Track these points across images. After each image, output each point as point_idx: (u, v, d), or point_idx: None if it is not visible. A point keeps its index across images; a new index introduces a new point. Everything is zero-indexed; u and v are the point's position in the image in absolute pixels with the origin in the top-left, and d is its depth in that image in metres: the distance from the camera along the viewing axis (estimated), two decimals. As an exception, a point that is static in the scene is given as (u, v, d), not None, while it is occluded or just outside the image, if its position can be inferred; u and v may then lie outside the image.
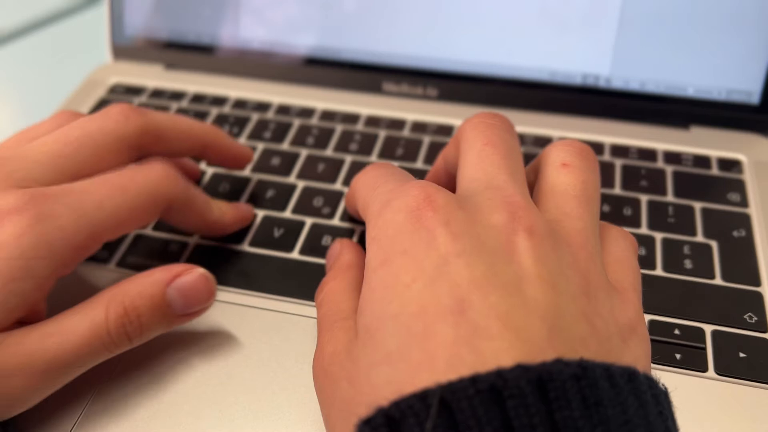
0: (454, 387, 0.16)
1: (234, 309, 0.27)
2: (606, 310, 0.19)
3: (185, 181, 0.26)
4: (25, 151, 0.24)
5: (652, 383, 0.18)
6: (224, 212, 0.28)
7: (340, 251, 0.25)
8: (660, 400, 0.17)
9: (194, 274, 0.24)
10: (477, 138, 0.23)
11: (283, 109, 0.37)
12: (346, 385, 0.19)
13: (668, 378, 0.24)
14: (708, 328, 0.26)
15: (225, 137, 0.30)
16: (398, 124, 0.36)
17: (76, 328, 0.21)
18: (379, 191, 0.21)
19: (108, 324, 0.22)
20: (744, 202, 0.31)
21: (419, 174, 0.32)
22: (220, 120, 0.37)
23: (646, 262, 0.28)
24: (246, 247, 0.29)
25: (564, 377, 0.16)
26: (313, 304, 0.27)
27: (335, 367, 0.19)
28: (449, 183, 0.26)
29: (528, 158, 0.34)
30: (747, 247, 0.29)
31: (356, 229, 0.30)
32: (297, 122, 0.36)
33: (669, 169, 0.33)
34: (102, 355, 0.22)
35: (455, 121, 0.36)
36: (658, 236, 0.29)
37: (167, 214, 0.26)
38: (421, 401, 0.16)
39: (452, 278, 0.18)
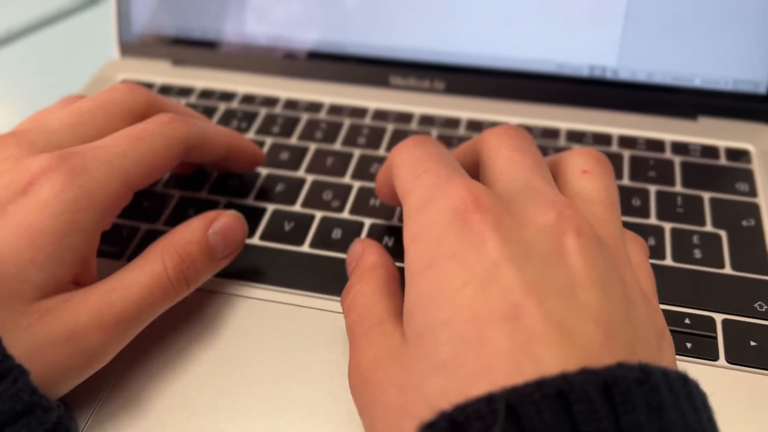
0: (521, 391, 0.15)
1: (246, 302, 0.27)
2: (643, 314, 0.19)
3: (195, 121, 0.27)
4: (42, 123, 0.25)
5: (699, 388, 0.18)
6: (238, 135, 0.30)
7: (363, 252, 0.24)
8: (706, 405, 0.17)
9: (228, 216, 0.26)
10: (503, 145, 0.23)
11: (291, 104, 0.38)
12: (394, 392, 0.18)
13: (679, 366, 0.24)
14: (718, 317, 0.26)
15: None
16: (406, 117, 0.36)
17: (137, 280, 0.23)
18: (422, 181, 0.21)
19: (167, 272, 0.23)
20: (752, 192, 0.31)
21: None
22: (229, 115, 0.37)
23: (656, 252, 0.28)
24: (257, 240, 0.29)
25: (628, 381, 0.16)
26: (324, 296, 0.27)
27: (380, 374, 0.19)
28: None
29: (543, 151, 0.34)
30: (756, 236, 0.29)
31: (366, 222, 0.30)
32: (305, 117, 0.37)
33: (677, 160, 0.33)
34: (164, 303, 0.24)
35: (462, 114, 0.36)
36: (667, 226, 0.29)
37: (192, 156, 0.27)
38: (487, 405, 0.15)
39: (505, 283, 0.17)
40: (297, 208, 0.31)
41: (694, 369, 0.24)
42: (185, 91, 0.39)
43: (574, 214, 0.19)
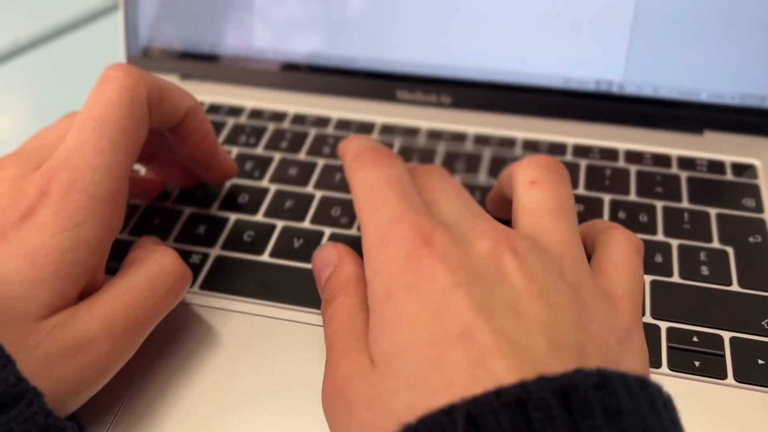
0: (480, 401, 0.16)
1: (255, 320, 0.27)
2: (599, 314, 0.20)
3: (147, 75, 0.25)
4: (41, 142, 0.25)
5: (660, 390, 0.18)
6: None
7: (341, 260, 0.24)
8: (668, 406, 0.18)
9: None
10: (426, 185, 0.25)
11: (299, 119, 0.38)
12: (364, 409, 0.19)
13: (687, 385, 0.24)
14: (726, 335, 0.26)
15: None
16: (413, 131, 0.37)
17: (136, 284, 0.23)
18: (377, 217, 0.22)
19: (165, 269, 0.24)
20: (759, 208, 0.31)
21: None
22: (237, 130, 0.37)
23: (663, 269, 0.29)
24: (266, 257, 0.30)
25: (586, 387, 0.16)
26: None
27: (351, 391, 0.20)
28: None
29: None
30: (763, 252, 0.29)
31: (375, 238, 0.30)
32: (313, 131, 0.37)
33: (683, 175, 0.33)
34: (168, 302, 0.24)
35: (469, 129, 0.37)
36: (674, 243, 0.30)
37: (154, 111, 0.25)
38: (447, 416, 0.16)
39: (456, 307, 0.19)
40: (306, 224, 0.31)
41: (702, 387, 0.24)
42: (193, 106, 0.39)
43: (506, 236, 0.21)
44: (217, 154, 0.30)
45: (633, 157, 0.35)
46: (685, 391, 0.24)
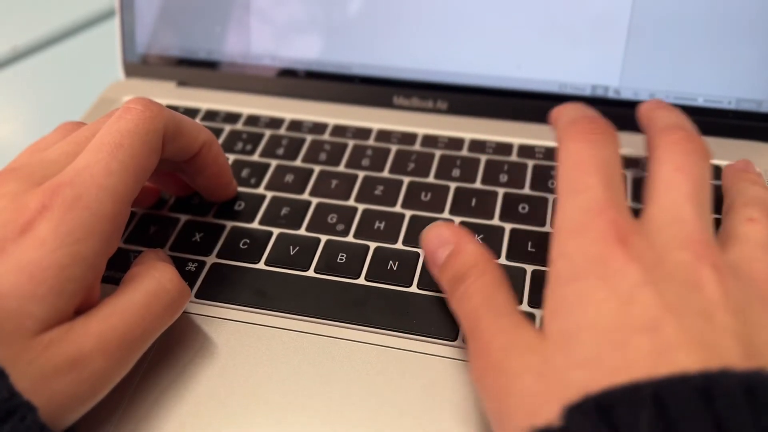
0: (666, 382, 0.16)
1: (251, 329, 0.27)
2: None
3: (166, 111, 0.26)
4: (41, 156, 0.25)
5: None
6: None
7: (459, 240, 0.24)
8: None
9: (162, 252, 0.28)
10: (669, 160, 0.24)
11: (295, 125, 0.38)
12: (532, 379, 0.19)
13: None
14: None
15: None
16: (409, 137, 0.37)
17: (133, 300, 0.23)
18: (578, 203, 0.22)
19: (164, 286, 0.24)
20: (756, 213, 0.31)
21: (432, 188, 0.33)
22: (234, 137, 0.37)
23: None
24: (262, 265, 0.30)
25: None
26: (332, 323, 0.27)
27: (514, 361, 0.20)
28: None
29: (538, 170, 0.34)
30: (760, 258, 0.29)
31: (371, 245, 0.30)
32: (309, 138, 0.37)
33: (680, 180, 0.33)
34: (164, 320, 0.24)
35: (466, 135, 0.37)
36: (671, 249, 0.30)
37: (167, 147, 0.26)
38: (634, 392, 0.16)
39: (645, 302, 0.19)
40: (302, 231, 0.31)
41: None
42: (190, 113, 0.39)
43: (710, 252, 0.20)
44: (230, 186, 0.31)
45: (629, 162, 0.35)
46: None
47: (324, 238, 0.31)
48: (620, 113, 0.36)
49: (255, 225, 0.32)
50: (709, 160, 0.24)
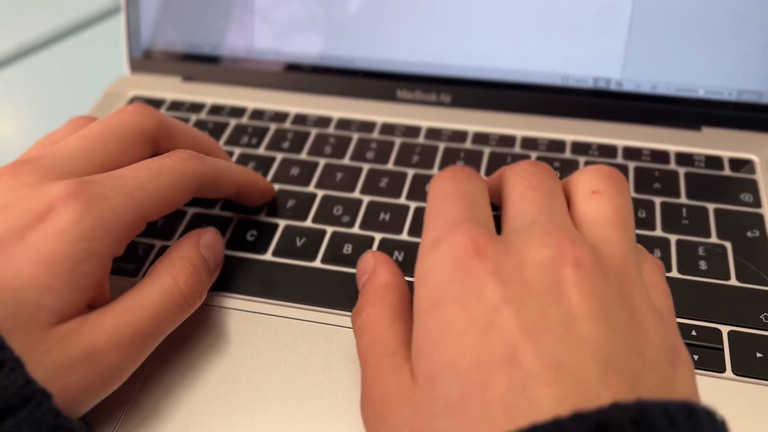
0: None
1: (259, 318, 0.28)
2: (656, 336, 0.19)
3: (210, 159, 0.27)
4: (55, 149, 0.25)
5: (712, 417, 0.17)
6: (251, 173, 0.31)
7: (375, 268, 0.25)
8: (722, 430, 0.17)
9: (209, 231, 0.28)
10: (517, 182, 0.23)
11: (300, 119, 0.38)
12: None
13: (686, 379, 0.25)
14: (725, 329, 0.26)
15: (223, 153, 0.31)
16: (413, 131, 0.37)
17: (149, 298, 0.24)
18: (436, 222, 0.22)
19: (179, 286, 0.24)
20: (757, 203, 0.32)
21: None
22: (239, 131, 0.38)
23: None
24: (269, 256, 0.30)
25: (622, 423, 0.16)
26: (338, 312, 0.27)
27: (390, 413, 0.20)
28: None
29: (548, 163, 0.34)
30: (761, 247, 0.29)
31: (376, 236, 0.31)
32: (314, 131, 0.37)
33: (681, 171, 0.34)
34: (177, 317, 0.24)
35: (469, 127, 0.37)
36: (673, 238, 0.30)
37: (204, 192, 0.28)
38: None
39: (504, 325, 0.18)
40: (308, 223, 0.32)
41: (701, 381, 0.25)
42: (195, 107, 0.39)
43: (572, 245, 0.20)
44: (266, 198, 0.32)
45: (631, 153, 0.35)
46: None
47: (330, 229, 0.31)
48: (622, 105, 0.37)
49: (262, 217, 0.32)
50: (556, 179, 0.24)
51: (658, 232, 0.30)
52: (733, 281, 0.28)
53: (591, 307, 0.18)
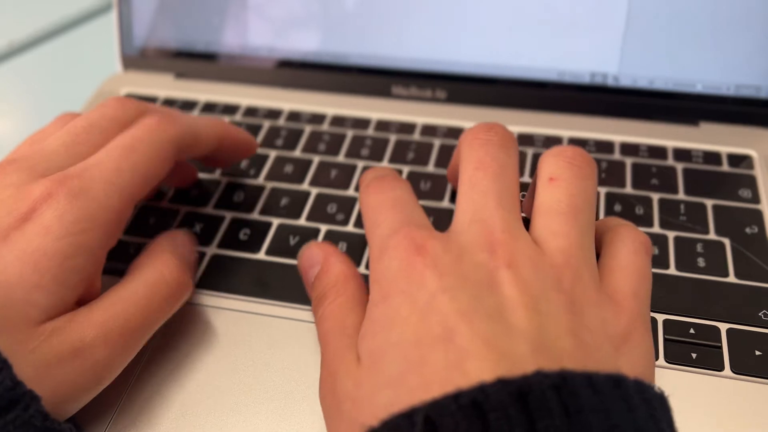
0: (438, 404, 0.17)
1: (252, 318, 0.27)
2: (595, 323, 0.20)
3: (183, 118, 0.27)
4: (40, 147, 0.25)
5: (643, 387, 0.18)
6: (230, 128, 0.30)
7: (327, 259, 0.25)
8: (653, 403, 0.18)
9: (182, 232, 0.28)
10: (470, 160, 0.24)
11: (294, 116, 0.38)
12: (349, 405, 0.20)
13: (685, 377, 0.24)
14: (723, 327, 0.26)
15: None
16: (408, 127, 0.37)
17: (136, 291, 0.23)
18: (378, 233, 0.23)
19: (165, 278, 0.24)
20: (755, 198, 0.31)
21: (431, 177, 0.33)
22: (232, 128, 0.37)
23: (659, 261, 0.29)
24: (262, 255, 0.30)
25: (543, 387, 0.16)
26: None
27: (339, 387, 0.21)
28: None
29: (537, 158, 0.34)
30: (760, 243, 0.29)
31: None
32: (308, 128, 0.37)
33: (679, 167, 0.33)
34: (165, 310, 0.24)
35: (465, 124, 0.37)
36: (671, 235, 0.30)
37: (185, 153, 0.27)
38: (407, 419, 0.17)
39: (440, 310, 0.19)
40: (302, 222, 0.31)
41: (699, 380, 0.24)
42: (188, 105, 0.39)
43: (505, 248, 0.21)
44: (251, 150, 0.32)
45: (629, 149, 0.35)
46: (681, 384, 0.24)
47: (324, 227, 0.31)
48: (619, 100, 0.36)
49: (255, 216, 0.32)
50: (510, 148, 0.24)
51: (656, 229, 0.30)
52: (731, 278, 0.28)
53: (522, 298, 0.19)
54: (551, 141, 0.35)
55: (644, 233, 0.24)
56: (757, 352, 0.25)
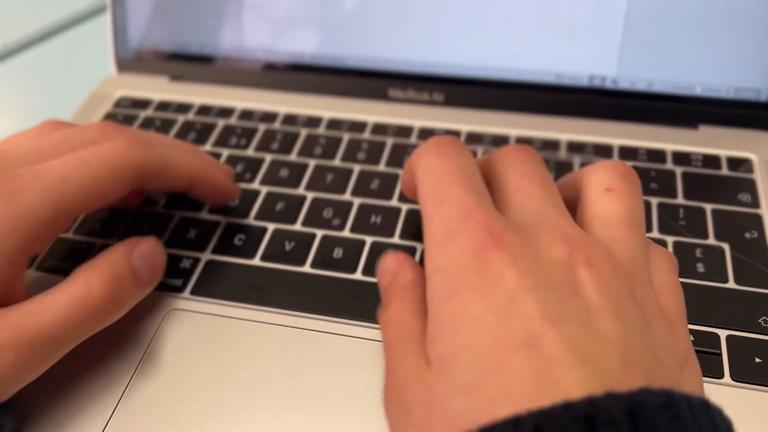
0: (547, 414, 0.16)
1: (246, 325, 0.27)
2: (663, 339, 0.19)
3: (155, 147, 0.26)
4: (5, 148, 0.25)
5: (722, 414, 0.18)
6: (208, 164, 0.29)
7: (399, 267, 0.24)
8: (731, 430, 0.18)
9: (148, 241, 0.26)
10: (510, 171, 0.23)
11: (290, 119, 0.37)
12: (420, 412, 0.19)
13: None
14: (723, 333, 0.26)
15: (206, 156, 0.31)
16: (405, 131, 0.36)
17: (57, 300, 0.22)
18: (443, 212, 0.21)
19: (91, 292, 0.23)
20: (755, 203, 0.31)
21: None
22: (227, 132, 0.37)
23: (659, 266, 0.28)
24: (257, 261, 0.29)
25: (653, 407, 0.16)
26: (328, 318, 0.27)
27: (407, 393, 0.20)
28: None
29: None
30: (760, 248, 0.29)
31: (367, 240, 0.30)
32: (304, 132, 0.36)
33: (678, 171, 0.33)
34: (87, 326, 0.23)
35: (462, 127, 0.36)
36: (670, 240, 0.29)
37: (148, 184, 0.26)
38: (514, 427, 0.16)
39: (523, 313, 0.18)
40: (298, 227, 0.31)
41: (699, 387, 0.24)
42: (183, 108, 0.39)
43: (584, 245, 0.20)
44: (229, 198, 0.31)
45: (627, 152, 0.34)
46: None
47: (320, 233, 0.30)
48: (617, 103, 0.36)
49: (250, 220, 0.31)
50: (543, 163, 0.24)
51: (655, 234, 0.30)
52: (731, 284, 0.27)
53: (607, 303, 0.18)
54: (549, 145, 0.35)
55: (671, 252, 0.23)
56: (757, 360, 0.25)
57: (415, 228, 0.30)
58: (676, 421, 0.16)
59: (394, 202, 0.32)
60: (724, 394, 0.24)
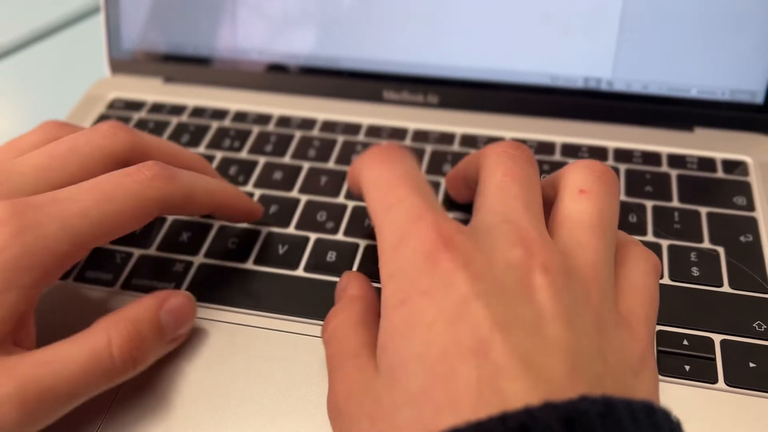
0: (484, 425, 0.16)
1: (239, 329, 0.27)
2: (617, 345, 0.19)
3: (181, 178, 0.25)
4: (11, 165, 0.24)
5: (668, 416, 0.18)
6: (233, 193, 0.28)
7: (347, 284, 0.24)
8: (677, 431, 0.18)
9: (180, 296, 0.25)
10: (497, 167, 0.23)
11: (284, 121, 0.37)
12: (367, 423, 0.19)
13: (678, 390, 0.24)
14: (717, 338, 0.25)
15: (212, 169, 0.30)
16: (400, 133, 0.36)
17: (74, 355, 0.21)
18: (393, 216, 0.21)
19: (111, 349, 0.22)
20: (750, 206, 0.31)
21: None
22: (221, 134, 0.37)
23: (653, 270, 0.28)
24: (250, 265, 0.29)
25: (591, 415, 0.16)
26: (321, 323, 0.27)
27: (352, 405, 0.19)
28: (466, 192, 0.28)
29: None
30: (754, 252, 0.29)
31: (361, 243, 0.30)
32: (298, 134, 0.36)
33: (674, 173, 0.33)
34: (101, 384, 0.22)
35: (457, 129, 0.36)
36: (664, 243, 0.29)
37: (170, 213, 0.25)
38: None
39: (473, 319, 0.18)
40: (291, 230, 0.31)
41: (692, 392, 0.24)
42: (177, 110, 0.39)
43: (542, 249, 0.20)
44: (252, 217, 0.30)
45: (622, 155, 0.34)
46: (675, 397, 0.24)
47: (313, 236, 0.30)
48: (613, 105, 0.36)
49: (243, 224, 0.31)
50: (535, 166, 0.24)
51: (650, 237, 0.30)
52: (725, 288, 0.27)
53: (558, 309, 0.18)
54: (544, 147, 0.35)
55: (654, 254, 0.23)
56: (752, 364, 0.25)
57: None
58: (615, 427, 0.16)
59: (388, 205, 0.32)
60: (717, 399, 0.24)
